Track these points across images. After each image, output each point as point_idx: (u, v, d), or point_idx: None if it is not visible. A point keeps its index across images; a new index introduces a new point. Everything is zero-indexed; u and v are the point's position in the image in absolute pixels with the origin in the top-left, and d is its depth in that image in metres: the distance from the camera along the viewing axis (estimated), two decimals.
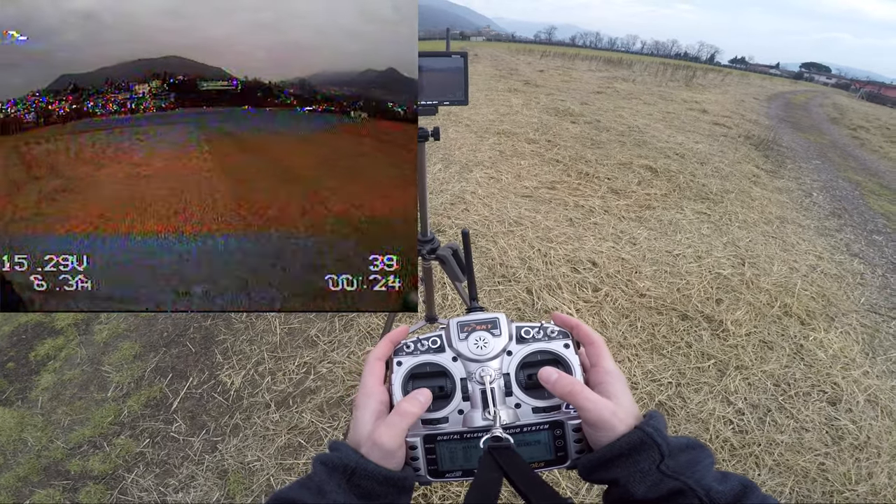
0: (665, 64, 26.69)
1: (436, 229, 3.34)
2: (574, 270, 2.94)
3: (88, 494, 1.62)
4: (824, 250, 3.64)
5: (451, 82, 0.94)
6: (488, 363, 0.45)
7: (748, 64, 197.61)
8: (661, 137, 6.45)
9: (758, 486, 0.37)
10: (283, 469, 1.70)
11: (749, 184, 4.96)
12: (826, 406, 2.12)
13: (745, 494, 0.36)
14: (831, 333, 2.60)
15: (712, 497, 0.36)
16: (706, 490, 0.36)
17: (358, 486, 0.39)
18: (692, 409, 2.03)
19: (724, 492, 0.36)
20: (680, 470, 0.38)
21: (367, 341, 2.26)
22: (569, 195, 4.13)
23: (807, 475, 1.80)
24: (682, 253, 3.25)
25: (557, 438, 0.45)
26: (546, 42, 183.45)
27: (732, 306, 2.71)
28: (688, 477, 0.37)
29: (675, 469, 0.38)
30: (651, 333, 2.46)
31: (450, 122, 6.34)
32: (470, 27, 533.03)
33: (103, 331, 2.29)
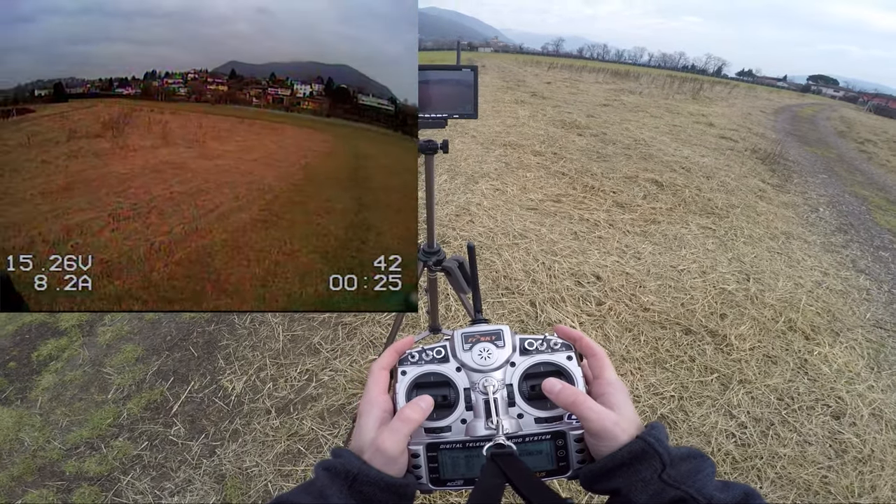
0: (672, 76, 26.84)
1: (441, 241, 3.34)
2: (578, 284, 2.93)
3: (82, 496, 1.61)
4: (830, 266, 3.62)
5: (461, 96, 0.95)
6: (492, 374, 0.46)
7: (755, 76, 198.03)
8: (667, 151, 6.46)
9: (760, 494, 0.37)
10: (282, 475, 1.70)
11: (755, 198, 4.95)
12: (830, 420, 2.10)
13: (747, 503, 0.36)
14: (836, 348, 2.57)
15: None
16: (707, 499, 0.36)
17: (360, 493, 0.39)
18: (694, 423, 2.01)
19: (725, 500, 0.36)
20: (681, 479, 0.38)
21: (369, 350, 2.26)
22: (574, 208, 4.13)
23: (809, 488, 1.78)
24: (686, 268, 3.24)
25: (559, 448, 0.45)
26: (553, 54, 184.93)
27: (736, 321, 2.70)
28: (689, 486, 0.37)
29: (677, 478, 0.38)
30: (654, 347, 2.44)
31: (456, 133, 6.38)
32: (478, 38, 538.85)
33: (107, 333, 2.30)
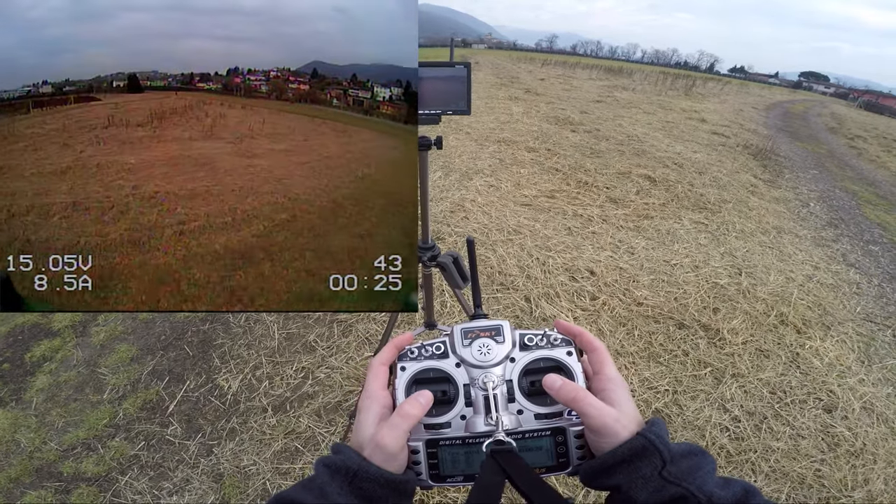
0: (665, 73, 26.91)
1: (435, 236, 3.34)
2: (572, 279, 2.95)
3: (81, 496, 1.60)
4: (821, 260, 3.66)
5: (455, 92, 0.95)
6: (491, 370, 0.46)
7: (747, 73, 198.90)
8: (659, 147, 6.48)
9: (760, 491, 0.37)
10: (280, 473, 1.70)
11: (747, 194, 4.99)
12: (822, 413, 2.13)
13: (746, 500, 0.36)
14: (827, 342, 2.61)
15: (714, 503, 0.36)
16: (708, 496, 0.36)
17: (360, 489, 0.39)
18: (689, 417, 2.03)
19: (725, 497, 0.36)
20: (681, 476, 0.38)
21: (365, 347, 2.26)
22: (568, 204, 4.14)
23: (803, 481, 1.80)
24: (679, 262, 3.26)
25: (559, 444, 0.45)
26: (547, 50, 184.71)
27: (729, 315, 2.72)
28: (689, 483, 0.37)
29: (677, 475, 0.38)
30: (648, 342, 2.46)
31: (450, 129, 6.37)
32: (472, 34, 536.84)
33: (100, 333, 2.29)
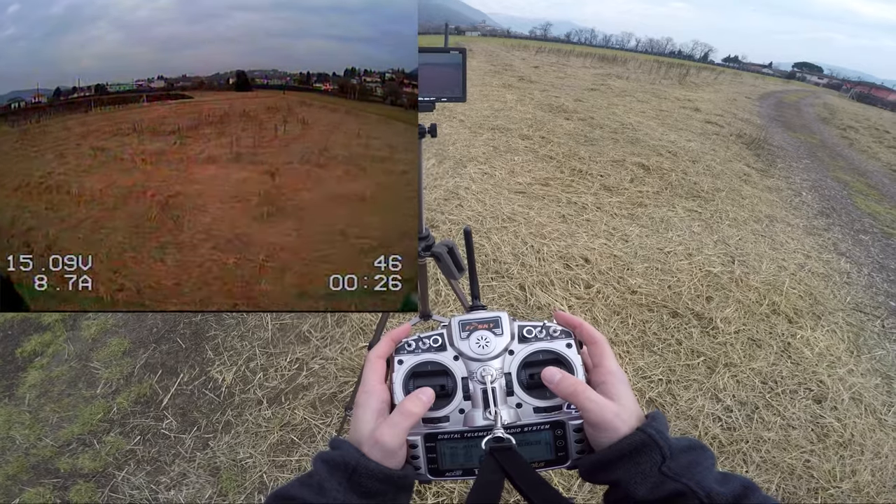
0: (659, 62, 26.81)
1: (430, 224, 3.33)
2: (567, 267, 2.95)
3: (79, 493, 1.60)
4: (812, 249, 3.69)
5: (449, 79, 0.93)
6: (490, 362, 0.45)
7: (741, 63, 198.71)
8: (653, 135, 6.48)
9: (759, 487, 0.37)
10: (276, 466, 1.70)
11: (740, 182, 5.01)
12: (812, 404, 2.15)
13: (745, 496, 0.36)
14: (818, 332, 2.64)
15: (713, 499, 0.36)
16: (707, 492, 0.36)
17: (359, 485, 0.38)
18: (682, 406, 2.05)
19: (724, 493, 0.36)
20: (681, 471, 0.38)
21: (359, 337, 2.26)
22: (562, 192, 4.14)
23: (793, 472, 1.83)
24: (672, 250, 3.28)
25: (558, 438, 0.45)
26: (541, 38, 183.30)
27: (722, 304, 2.74)
28: (689, 479, 0.37)
29: (677, 471, 0.38)
30: (642, 330, 2.48)
31: (444, 117, 6.32)
32: (465, 22, 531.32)
33: (91, 327, 2.26)
